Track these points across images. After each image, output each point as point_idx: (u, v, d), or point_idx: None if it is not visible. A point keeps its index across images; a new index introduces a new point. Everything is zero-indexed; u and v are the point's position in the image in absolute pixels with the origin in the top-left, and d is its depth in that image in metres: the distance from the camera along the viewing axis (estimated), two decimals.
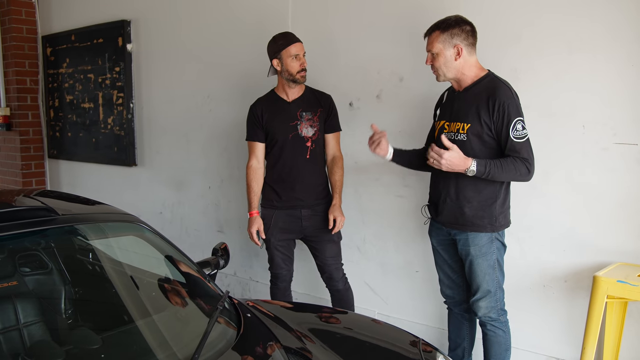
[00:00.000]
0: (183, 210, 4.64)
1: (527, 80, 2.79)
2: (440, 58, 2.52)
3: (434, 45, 2.52)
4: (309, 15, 3.63)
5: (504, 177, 2.43)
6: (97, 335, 1.95)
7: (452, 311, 2.90)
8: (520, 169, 2.39)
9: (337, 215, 3.10)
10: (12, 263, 2.15)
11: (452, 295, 2.84)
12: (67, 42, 5.43)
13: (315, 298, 3.81)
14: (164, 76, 4.63)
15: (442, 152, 2.40)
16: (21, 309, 2.02)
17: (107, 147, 5.14)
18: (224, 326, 2.00)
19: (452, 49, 2.49)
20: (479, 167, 2.39)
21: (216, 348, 1.86)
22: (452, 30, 2.48)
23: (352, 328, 2.36)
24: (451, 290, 2.84)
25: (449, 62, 2.51)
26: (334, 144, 3.19)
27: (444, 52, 2.50)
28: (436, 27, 2.54)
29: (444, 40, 2.49)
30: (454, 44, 2.48)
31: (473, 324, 2.88)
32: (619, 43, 2.55)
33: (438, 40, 2.50)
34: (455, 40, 2.48)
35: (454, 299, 2.85)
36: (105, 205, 2.41)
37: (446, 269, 2.81)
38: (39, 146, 5.94)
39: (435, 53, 2.52)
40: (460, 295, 2.82)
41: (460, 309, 2.85)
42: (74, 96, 5.44)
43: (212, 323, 1.86)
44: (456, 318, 2.88)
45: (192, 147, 4.47)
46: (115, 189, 5.21)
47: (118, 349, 1.91)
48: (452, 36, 2.48)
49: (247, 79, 3.98)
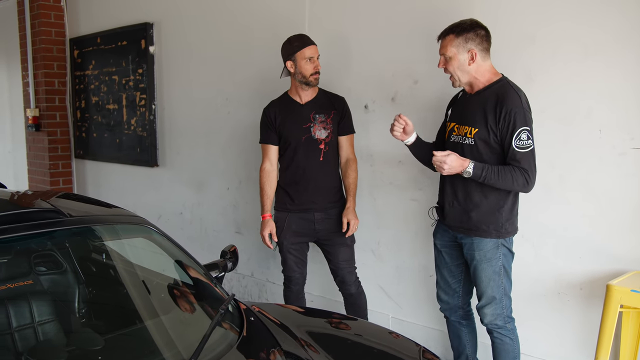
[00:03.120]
0: (202, 211, 4.68)
1: (541, 84, 2.74)
2: (453, 62, 2.49)
3: (448, 49, 2.49)
4: (325, 19, 3.63)
5: (500, 184, 2.39)
6: (102, 336, 1.98)
7: (449, 320, 2.87)
8: (518, 179, 2.35)
9: (350, 218, 3.09)
10: (28, 263, 2.20)
11: (447, 300, 2.82)
12: (93, 45, 5.54)
13: (330, 301, 3.80)
14: (184, 78, 4.69)
15: (442, 156, 2.41)
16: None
17: (130, 147, 5.23)
18: (226, 329, 2.01)
19: (466, 53, 2.46)
20: (475, 169, 2.38)
21: (216, 350, 1.87)
22: (466, 35, 2.45)
23: (361, 335, 2.35)
24: (446, 295, 2.81)
25: (462, 66, 2.48)
26: (347, 146, 3.18)
27: (458, 57, 2.47)
28: (450, 30, 2.50)
29: (458, 44, 2.46)
30: (468, 48, 2.45)
31: (473, 330, 2.85)
32: (635, 46, 2.48)
33: (452, 44, 2.47)
34: (469, 45, 2.45)
35: (449, 304, 2.82)
36: (118, 208, 2.44)
37: (445, 273, 2.78)
38: (66, 146, 6.07)
39: (449, 57, 2.49)
40: (454, 301, 2.79)
41: (457, 316, 2.82)
42: (99, 97, 5.55)
43: (212, 326, 1.87)
44: (454, 326, 2.85)
45: (212, 149, 4.51)
46: (138, 189, 5.30)
47: (123, 349, 1.94)
48: (467, 40, 2.45)
49: (265, 82, 3.99)
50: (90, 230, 2.21)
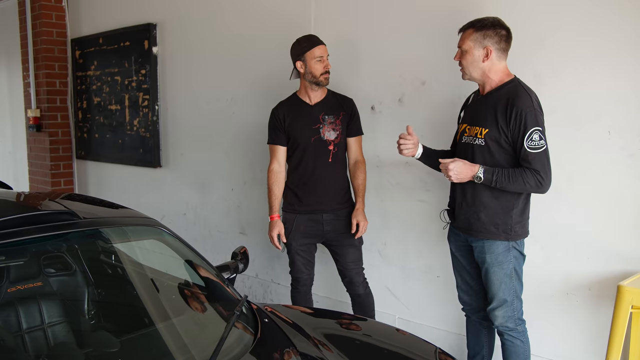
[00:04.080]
0: (206, 212, 4.68)
1: (551, 85, 2.75)
2: (468, 56, 2.50)
3: (465, 42, 2.50)
4: (331, 19, 3.63)
5: (512, 187, 2.39)
6: (117, 338, 1.97)
7: (469, 319, 2.87)
8: (529, 181, 2.35)
9: (360, 220, 3.10)
10: (37, 264, 2.19)
11: (470, 302, 2.82)
12: (95, 45, 5.53)
13: (336, 302, 3.80)
14: (188, 79, 4.68)
15: (446, 163, 2.44)
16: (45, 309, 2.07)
17: (133, 148, 5.21)
18: (241, 331, 2.01)
19: (481, 49, 2.46)
20: (486, 174, 2.40)
21: (233, 353, 1.87)
22: (485, 31, 2.45)
23: (371, 335, 2.36)
24: (469, 297, 2.81)
25: (476, 62, 2.49)
26: (356, 147, 3.18)
27: (473, 51, 2.48)
28: (471, 25, 2.51)
29: (475, 39, 2.47)
30: (484, 45, 2.45)
31: (492, 332, 2.85)
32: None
33: (470, 38, 2.48)
34: (486, 42, 2.45)
35: (472, 305, 2.82)
36: (128, 209, 2.44)
37: (464, 275, 2.78)
38: (68, 147, 6.05)
39: (465, 50, 2.50)
40: (477, 302, 2.79)
41: (478, 316, 2.81)
42: (101, 98, 5.54)
43: (229, 328, 1.87)
44: (474, 326, 2.85)
45: (216, 149, 4.51)
46: (140, 190, 5.29)
47: (138, 351, 1.94)
48: (485, 37, 2.45)
49: (270, 83, 3.99)
50: (104, 232, 2.21)
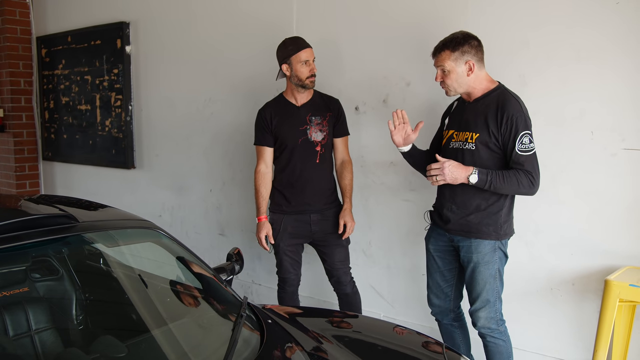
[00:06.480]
0: (183, 213, 4.62)
1: (535, 87, 2.83)
2: (452, 75, 2.52)
3: (445, 62, 2.51)
4: (314, 19, 3.64)
5: (506, 189, 2.44)
6: (121, 344, 1.93)
7: (441, 323, 2.91)
8: (523, 181, 2.41)
9: (347, 220, 3.12)
10: (30, 270, 2.13)
11: (438, 304, 2.85)
12: (63, 44, 5.38)
13: (320, 302, 3.82)
14: (163, 79, 4.61)
15: (442, 161, 2.47)
16: (32, 315, 2.01)
17: (105, 149, 5.10)
18: (248, 333, 2.00)
19: (463, 65, 2.49)
20: (480, 175, 2.44)
21: (242, 356, 1.86)
22: (461, 48, 2.49)
23: (364, 331, 2.39)
24: (438, 299, 2.84)
25: (461, 79, 2.52)
26: (342, 148, 3.20)
27: (456, 69, 2.50)
28: (444, 46, 2.53)
29: (455, 58, 2.49)
30: (465, 60, 2.49)
31: (464, 330, 2.90)
32: (626, 50, 2.59)
33: (450, 58, 2.50)
34: (465, 57, 2.49)
35: (440, 307, 2.85)
36: (120, 211, 2.40)
37: (437, 277, 2.81)
38: (33, 148, 5.87)
39: (448, 70, 2.52)
40: (446, 304, 2.83)
41: (448, 319, 2.86)
42: (70, 98, 5.39)
43: (238, 331, 1.86)
44: (447, 328, 2.90)
45: (193, 150, 4.45)
46: (112, 192, 5.17)
47: (146, 357, 1.91)
48: (463, 53, 2.49)
49: (248, 82, 3.97)
50: (101, 235, 2.16)
